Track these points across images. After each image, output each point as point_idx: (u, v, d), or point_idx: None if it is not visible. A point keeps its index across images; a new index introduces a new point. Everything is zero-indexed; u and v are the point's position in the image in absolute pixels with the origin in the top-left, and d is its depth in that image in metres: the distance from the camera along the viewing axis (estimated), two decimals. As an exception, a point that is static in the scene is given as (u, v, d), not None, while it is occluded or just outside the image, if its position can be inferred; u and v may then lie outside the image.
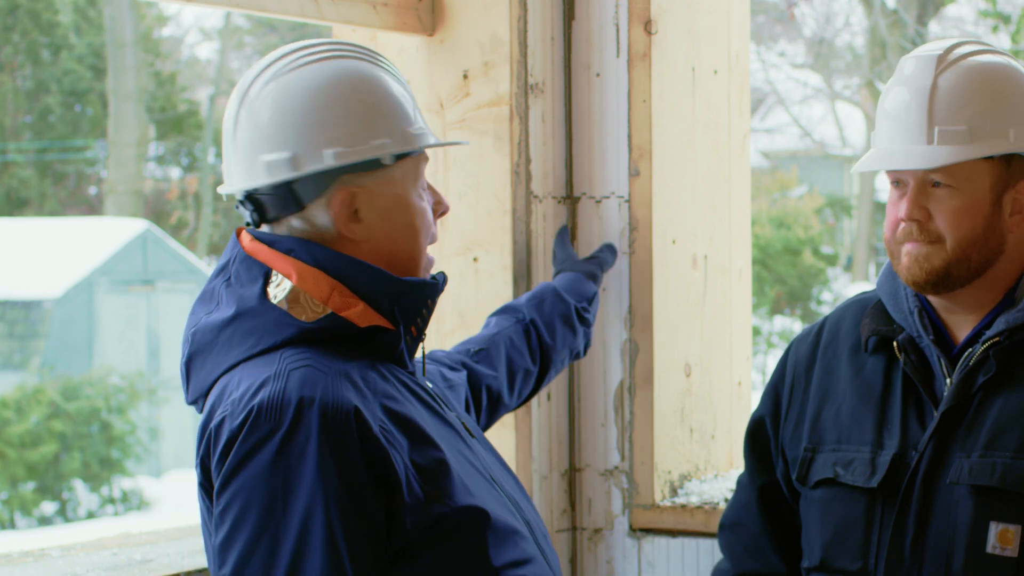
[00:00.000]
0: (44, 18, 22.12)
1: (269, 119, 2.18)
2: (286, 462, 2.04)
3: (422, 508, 2.10)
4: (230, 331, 2.16)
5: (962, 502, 2.39)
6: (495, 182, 3.29)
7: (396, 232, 2.22)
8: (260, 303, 2.16)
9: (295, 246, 2.18)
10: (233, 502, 2.05)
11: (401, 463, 2.09)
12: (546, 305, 2.97)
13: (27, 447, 15.93)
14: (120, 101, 20.87)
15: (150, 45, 22.83)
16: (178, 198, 23.88)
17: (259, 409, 2.05)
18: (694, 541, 3.30)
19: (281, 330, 2.13)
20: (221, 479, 2.07)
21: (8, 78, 22.35)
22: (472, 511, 2.15)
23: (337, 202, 2.18)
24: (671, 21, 3.37)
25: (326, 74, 2.19)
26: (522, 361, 2.88)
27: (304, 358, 2.10)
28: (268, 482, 2.04)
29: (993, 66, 2.45)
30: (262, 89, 2.19)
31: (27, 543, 11.28)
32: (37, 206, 22.52)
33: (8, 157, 22.49)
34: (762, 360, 20.35)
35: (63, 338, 18.22)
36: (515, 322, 2.92)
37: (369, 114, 2.19)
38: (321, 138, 2.17)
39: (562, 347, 2.97)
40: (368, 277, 2.18)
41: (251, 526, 2.04)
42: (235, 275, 2.20)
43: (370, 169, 2.19)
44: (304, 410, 2.04)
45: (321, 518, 2.03)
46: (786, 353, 2.68)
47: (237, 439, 2.05)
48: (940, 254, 2.42)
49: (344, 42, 2.26)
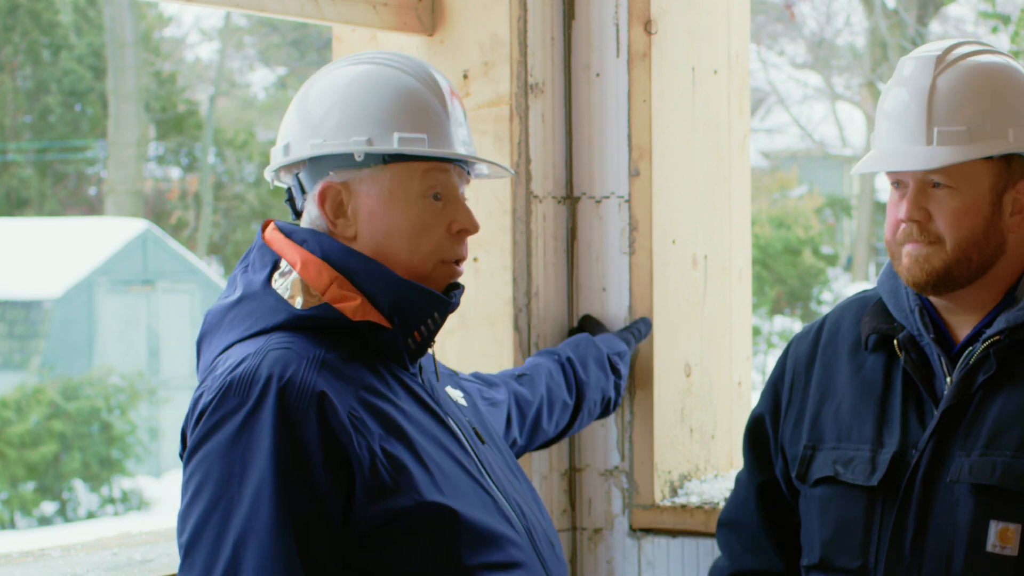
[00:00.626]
0: (44, 18, 22.12)
1: (291, 111, 2.34)
2: (246, 437, 2.11)
3: (387, 495, 2.15)
4: (233, 313, 2.26)
5: (962, 501, 2.39)
6: (495, 182, 3.29)
7: (380, 234, 2.28)
8: (263, 288, 2.25)
9: (308, 237, 2.27)
10: (195, 472, 2.14)
11: (366, 447, 2.15)
12: (581, 348, 3.09)
13: (27, 447, 15.93)
14: (120, 101, 20.87)
15: (150, 45, 22.83)
16: (178, 198, 23.87)
17: (230, 384, 2.14)
18: (694, 541, 3.30)
19: (275, 315, 2.22)
20: (189, 449, 2.15)
21: (8, 78, 22.35)
22: (439, 508, 2.18)
23: (320, 194, 2.28)
24: (671, 21, 3.37)
25: (347, 75, 2.32)
26: (560, 392, 2.97)
27: (287, 342, 2.18)
28: (228, 455, 2.11)
29: (992, 66, 2.45)
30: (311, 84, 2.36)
31: (27, 543, 11.27)
32: (37, 206, 22.51)
33: (8, 157, 22.49)
34: (762, 360, 20.35)
35: (63, 338, 18.22)
36: (553, 360, 3.03)
37: (358, 113, 2.27)
38: (310, 130, 2.29)
39: (595, 387, 3.07)
40: (369, 272, 2.24)
41: (207, 497, 2.11)
42: (251, 262, 2.31)
43: (352, 166, 2.27)
44: (269, 388, 2.12)
45: (270, 494, 2.09)
46: (786, 351, 2.68)
47: (207, 411, 2.14)
48: (940, 255, 2.42)
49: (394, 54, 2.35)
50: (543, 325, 3.37)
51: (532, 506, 2.38)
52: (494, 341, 3.31)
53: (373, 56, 2.34)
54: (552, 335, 3.38)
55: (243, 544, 2.08)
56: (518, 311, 3.29)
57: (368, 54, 2.36)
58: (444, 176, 2.31)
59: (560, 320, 3.40)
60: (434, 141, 2.30)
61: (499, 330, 3.30)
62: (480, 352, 3.31)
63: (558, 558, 2.38)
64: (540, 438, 2.93)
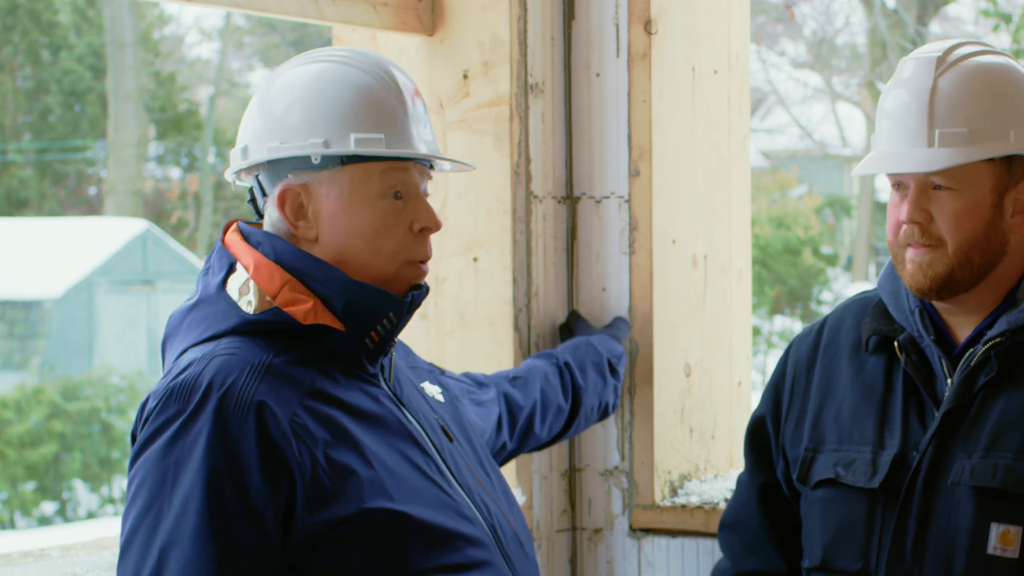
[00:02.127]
0: (44, 18, 22.12)
1: (247, 114, 2.31)
2: (181, 445, 2.11)
3: (327, 503, 2.14)
4: (191, 317, 2.25)
5: (963, 503, 2.38)
6: (495, 182, 3.29)
7: (341, 236, 2.25)
8: (217, 292, 2.24)
9: (263, 239, 2.26)
10: (135, 476, 2.15)
11: (308, 456, 2.13)
12: (580, 351, 3.08)
13: (27, 447, 15.93)
14: (120, 101, 20.87)
15: (150, 45, 22.83)
16: (178, 198, 23.88)
17: (173, 390, 2.13)
18: (694, 541, 3.30)
19: (226, 319, 2.21)
20: (132, 453, 2.17)
21: (8, 78, 22.35)
22: (385, 513, 2.17)
23: (279, 197, 2.26)
24: (671, 21, 3.37)
25: (300, 75, 2.28)
26: (555, 396, 2.95)
27: (235, 347, 2.17)
28: (163, 461, 2.12)
29: (993, 67, 2.45)
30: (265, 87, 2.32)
31: (27, 543, 11.27)
32: (37, 206, 22.52)
33: (8, 157, 22.49)
34: (762, 360, 20.35)
35: (63, 338, 18.22)
36: (551, 363, 3.01)
37: (313, 113, 2.25)
38: (265, 132, 2.26)
39: (592, 393, 3.05)
40: (320, 274, 2.23)
41: (142, 502, 2.12)
42: (212, 265, 2.29)
43: (309, 168, 2.25)
44: (209, 396, 2.12)
45: (198, 503, 2.09)
46: (787, 352, 2.68)
47: (151, 417, 2.14)
48: (943, 259, 2.41)
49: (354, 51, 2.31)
50: (543, 325, 3.37)
51: (501, 504, 2.36)
52: (494, 341, 3.31)
53: (331, 54, 2.31)
54: (552, 335, 3.38)
55: (168, 551, 2.09)
56: (518, 311, 3.29)
57: (326, 51, 2.32)
58: (403, 175, 2.28)
59: (560, 320, 3.40)
60: (392, 140, 2.27)
61: (499, 330, 3.30)
62: (480, 352, 3.31)
63: (527, 557, 2.36)
64: (532, 442, 2.91)
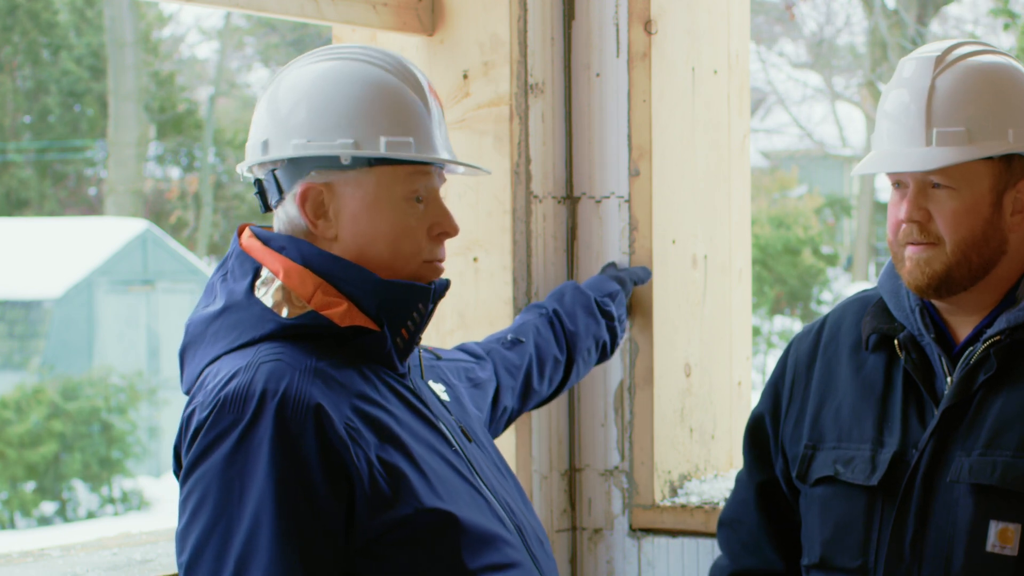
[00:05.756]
0: (43, 18, 22.11)
1: (264, 106, 2.28)
2: (244, 454, 2.08)
3: (387, 506, 2.13)
4: (217, 324, 2.22)
5: (962, 500, 2.39)
6: (495, 182, 3.29)
7: (363, 238, 2.25)
8: (246, 298, 2.21)
9: (286, 244, 2.24)
10: (193, 491, 2.11)
11: (364, 459, 2.12)
12: (567, 297, 3.05)
13: (27, 447, 15.93)
14: (120, 101, 20.87)
15: (150, 45, 22.83)
16: (178, 198, 23.88)
17: (225, 400, 2.11)
18: (694, 541, 3.30)
19: (262, 325, 2.18)
20: (186, 467, 2.13)
21: (7, 78, 22.35)
22: (438, 514, 2.17)
23: (300, 194, 2.24)
24: (671, 21, 3.37)
25: (324, 71, 2.26)
26: (549, 348, 2.93)
27: (277, 353, 2.15)
28: (225, 473, 2.09)
29: (991, 66, 2.45)
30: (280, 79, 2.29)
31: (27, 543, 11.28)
32: (37, 206, 22.52)
33: (8, 157, 22.49)
34: (762, 360, 20.35)
35: (63, 338, 18.22)
36: (539, 315, 2.99)
37: (342, 113, 2.23)
38: (290, 127, 2.24)
39: (586, 335, 3.02)
40: (351, 276, 2.21)
41: (207, 516, 2.09)
42: (230, 270, 2.26)
43: (336, 167, 2.23)
44: (266, 403, 2.09)
45: (271, 510, 2.07)
46: (787, 351, 2.68)
47: (203, 429, 2.11)
48: (941, 257, 2.42)
49: (376, 50, 2.30)
50: (543, 325, 3.37)
51: (520, 504, 2.37)
52: (494, 341, 3.31)
53: (355, 52, 2.29)
54: (552, 335, 3.39)
55: (246, 564, 2.06)
56: (518, 311, 3.30)
57: (349, 49, 2.30)
58: (427, 179, 2.28)
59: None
60: (419, 144, 2.26)
61: (499, 330, 3.30)
62: (480, 352, 3.31)
63: (548, 555, 2.37)
64: (534, 399, 2.90)
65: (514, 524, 2.29)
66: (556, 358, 2.95)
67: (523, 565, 2.26)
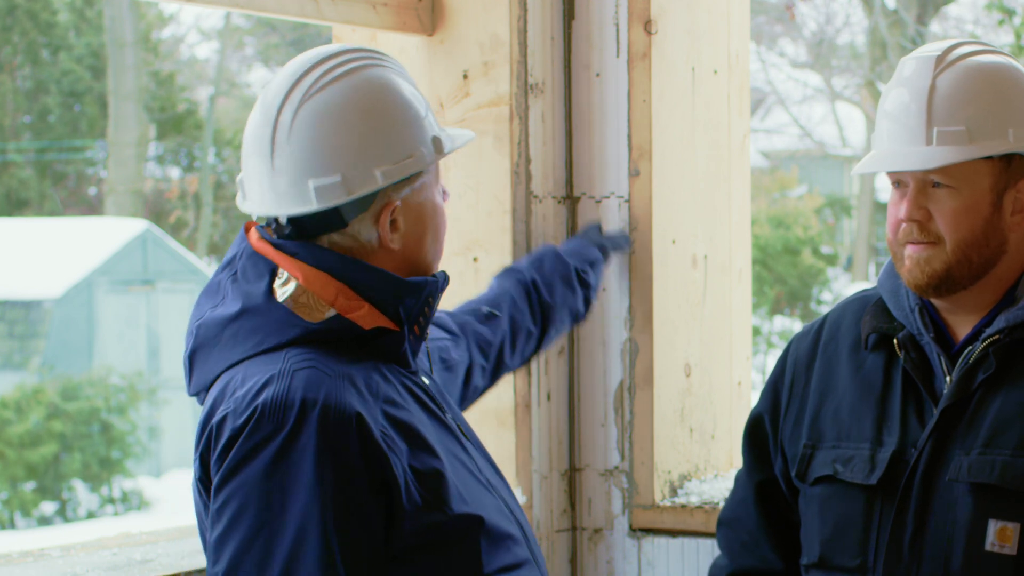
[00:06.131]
0: (42, 18, 22.12)
1: (314, 144, 2.17)
2: (286, 464, 2.05)
3: (420, 514, 2.11)
4: (235, 327, 2.17)
5: (961, 500, 2.39)
6: (495, 182, 3.29)
7: (426, 235, 2.25)
8: (266, 301, 2.16)
9: (299, 249, 2.19)
10: (231, 500, 2.06)
11: (400, 468, 2.10)
12: (546, 266, 2.99)
13: (27, 447, 15.93)
14: (120, 101, 20.87)
15: (150, 45, 22.83)
16: (178, 198, 23.88)
17: (263, 409, 2.06)
18: (694, 541, 3.30)
19: (286, 330, 2.14)
20: (221, 476, 2.08)
21: (7, 78, 22.35)
22: (468, 519, 2.16)
23: (384, 217, 2.19)
24: (671, 21, 3.37)
25: (356, 90, 2.18)
26: (524, 321, 2.89)
27: (308, 359, 2.11)
28: (267, 482, 2.05)
29: (992, 66, 2.45)
30: (295, 114, 2.17)
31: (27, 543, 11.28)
32: (37, 206, 22.52)
33: (8, 157, 22.50)
34: (762, 360, 20.35)
35: (63, 338, 18.22)
36: (516, 283, 2.93)
37: (406, 127, 2.20)
38: (369, 158, 2.17)
39: (562, 306, 2.97)
40: (372, 279, 2.18)
41: (247, 525, 2.05)
42: (241, 271, 2.21)
43: (404, 182, 2.20)
44: (307, 412, 2.05)
45: (317, 521, 2.04)
46: (786, 350, 2.68)
47: (239, 437, 2.07)
48: (941, 256, 2.42)
49: (353, 48, 2.25)
50: (543, 325, 3.37)
51: (513, 500, 2.35)
52: (494, 341, 3.31)
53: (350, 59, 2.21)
54: (552, 335, 3.39)
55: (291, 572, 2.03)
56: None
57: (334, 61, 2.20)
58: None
59: (560, 320, 3.40)
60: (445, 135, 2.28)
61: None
62: (480, 352, 3.31)
63: (540, 551, 2.37)
64: (503, 373, 2.87)
65: (516, 522, 2.29)
66: (529, 331, 2.90)
67: (529, 562, 2.26)
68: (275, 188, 2.19)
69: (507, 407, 3.32)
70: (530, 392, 3.34)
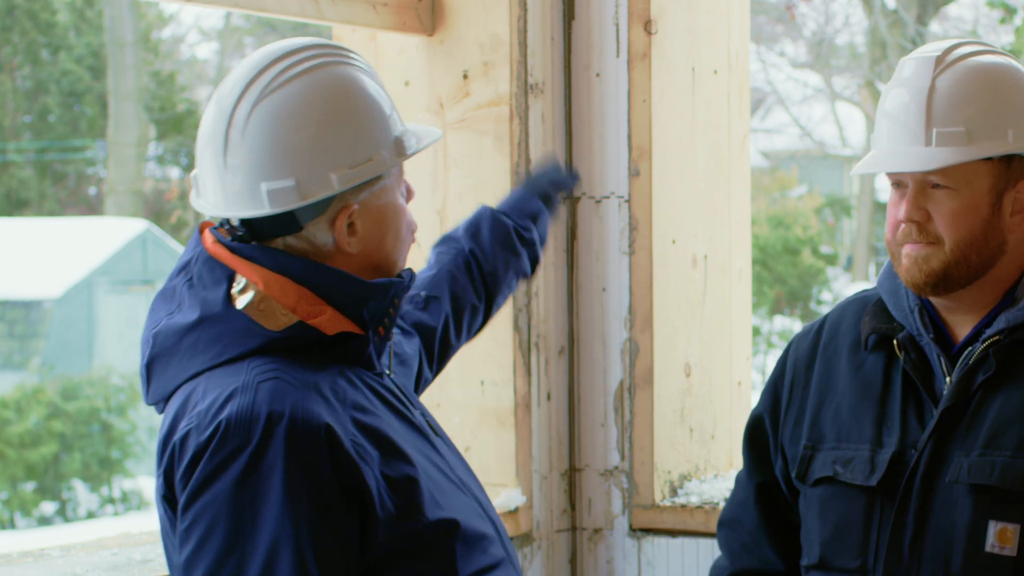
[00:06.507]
0: (42, 18, 22.12)
1: (268, 145, 2.09)
2: (255, 480, 1.98)
3: (394, 522, 2.06)
4: (194, 336, 2.09)
5: (961, 501, 2.39)
6: (495, 182, 3.29)
7: (386, 238, 2.17)
8: (225, 309, 2.09)
9: (256, 253, 2.10)
10: (200, 519, 2.00)
11: (373, 477, 2.05)
12: (483, 233, 2.76)
13: (27, 447, 15.93)
14: (120, 101, 20.87)
15: (150, 45, 22.84)
16: (178, 198, 23.88)
17: (227, 424, 2.00)
18: (694, 541, 3.30)
19: (247, 339, 2.07)
20: (187, 495, 2.02)
21: (7, 78, 22.36)
22: (443, 524, 2.10)
23: (341, 221, 2.11)
24: (671, 21, 3.37)
25: (316, 89, 2.10)
26: (467, 297, 2.72)
27: (272, 369, 2.04)
28: (235, 499, 1.99)
29: (991, 66, 2.45)
30: (251, 111, 2.09)
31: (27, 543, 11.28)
32: (37, 206, 22.52)
33: (8, 157, 22.50)
34: (762, 360, 20.35)
35: (63, 338, 18.22)
36: (455, 254, 2.73)
37: (366, 129, 2.11)
38: (326, 162, 2.09)
39: (506, 271, 2.78)
40: (334, 282, 2.11)
41: (218, 544, 1.99)
42: (198, 276, 2.13)
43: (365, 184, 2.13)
44: (273, 426, 1.99)
45: (290, 538, 1.98)
46: (786, 351, 2.68)
47: (204, 454, 2.00)
48: (939, 256, 2.42)
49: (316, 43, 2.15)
50: (543, 325, 3.37)
51: (484, 497, 2.29)
52: (494, 341, 3.31)
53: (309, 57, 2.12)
54: (552, 335, 3.39)
55: None
56: (518, 311, 3.30)
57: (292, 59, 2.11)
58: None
59: (560, 320, 3.40)
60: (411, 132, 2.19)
61: (499, 330, 3.30)
62: (480, 352, 3.31)
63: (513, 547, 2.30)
64: (450, 355, 2.71)
65: (489, 520, 2.23)
66: (474, 305, 2.73)
67: (505, 561, 2.21)
68: (227, 188, 2.11)
69: (507, 407, 3.32)
70: (530, 392, 3.34)
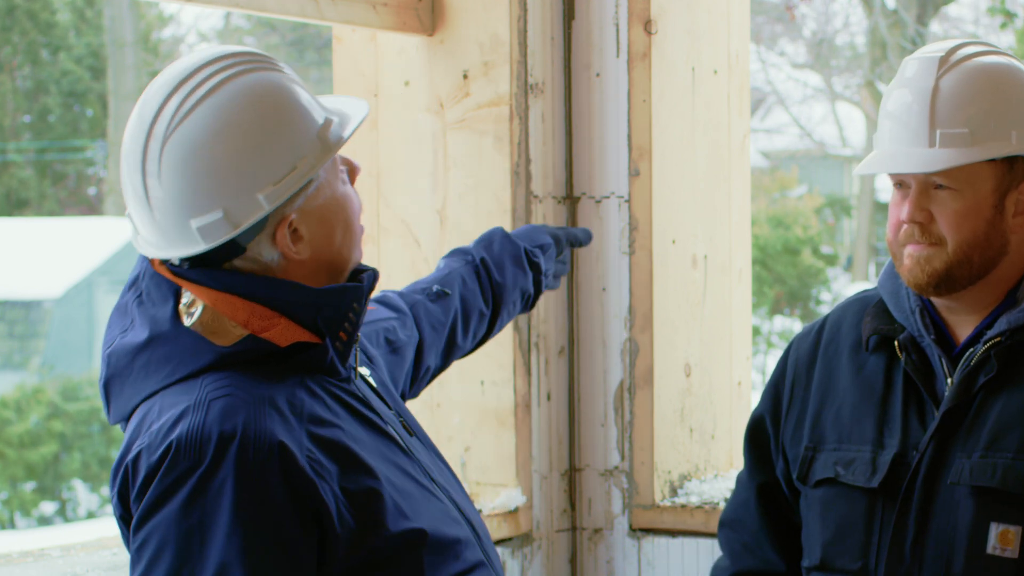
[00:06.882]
0: (42, 18, 22.13)
1: (187, 181, 2.02)
2: (203, 501, 1.95)
3: (354, 537, 2.02)
4: (145, 356, 2.06)
5: (963, 503, 2.38)
6: (495, 182, 3.29)
7: (335, 232, 2.11)
8: (173, 327, 2.05)
9: (199, 276, 2.06)
10: (149, 540, 1.97)
11: (331, 493, 2.01)
12: (495, 246, 2.79)
13: (27, 447, 15.94)
14: (120, 101, 20.88)
15: (150, 45, 22.85)
16: (178, 198, 23.87)
17: (178, 444, 1.96)
18: (694, 541, 3.30)
19: (198, 356, 2.03)
20: (139, 515, 1.99)
21: (7, 78, 22.36)
22: (408, 535, 2.06)
23: (281, 233, 2.06)
24: (671, 21, 3.37)
25: (221, 112, 2.02)
26: (476, 301, 2.73)
27: (225, 386, 2.00)
28: (185, 521, 1.95)
29: (995, 67, 2.45)
30: (161, 152, 2.03)
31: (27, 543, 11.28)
32: (37, 206, 22.52)
33: (8, 157, 22.51)
34: (762, 360, 20.35)
35: (63, 338, 18.22)
36: (465, 263, 2.76)
37: (283, 138, 2.04)
38: (249, 184, 2.02)
39: (513, 287, 2.80)
40: (283, 294, 2.06)
41: (166, 566, 1.96)
42: (146, 292, 2.10)
43: (302, 190, 2.07)
44: (225, 446, 1.95)
45: (239, 561, 1.94)
46: (787, 351, 2.68)
47: (156, 475, 1.97)
48: (941, 256, 2.41)
49: (211, 58, 2.06)
50: (543, 325, 3.37)
51: (462, 496, 2.25)
52: (494, 341, 3.31)
53: (215, 72, 2.04)
54: (552, 335, 3.38)
55: None
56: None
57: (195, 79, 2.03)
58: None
59: (560, 320, 3.40)
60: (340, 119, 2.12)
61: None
62: (480, 352, 3.31)
63: (494, 549, 2.27)
64: (456, 355, 2.73)
65: (466, 520, 2.20)
66: (481, 311, 2.74)
67: (483, 564, 2.17)
68: (159, 229, 2.06)
69: (507, 407, 3.32)
70: (530, 392, 3.34)
